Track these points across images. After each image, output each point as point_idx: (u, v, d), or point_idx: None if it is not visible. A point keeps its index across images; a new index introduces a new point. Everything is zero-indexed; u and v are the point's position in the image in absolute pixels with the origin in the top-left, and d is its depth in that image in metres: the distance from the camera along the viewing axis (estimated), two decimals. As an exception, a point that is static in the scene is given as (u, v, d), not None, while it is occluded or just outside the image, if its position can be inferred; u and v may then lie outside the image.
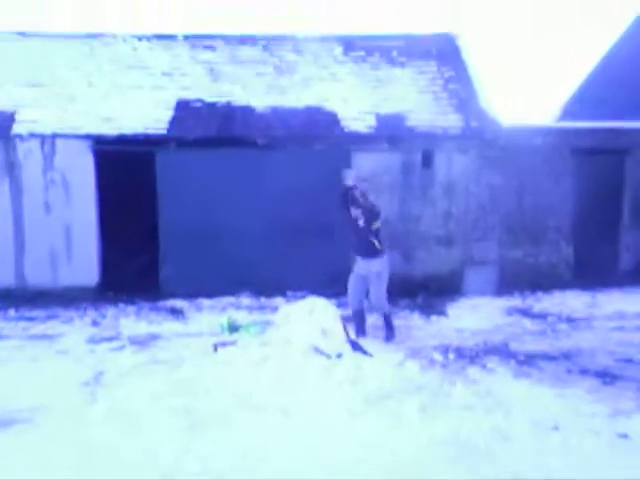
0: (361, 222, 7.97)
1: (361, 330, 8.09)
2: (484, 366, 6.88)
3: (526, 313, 9.64)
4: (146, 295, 10.58)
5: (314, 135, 10.99)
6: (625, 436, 4.95)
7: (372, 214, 8.00)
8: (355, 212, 7.95)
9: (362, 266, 8.09)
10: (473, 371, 6.70)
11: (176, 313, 9.77)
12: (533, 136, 11.36)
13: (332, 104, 11.52)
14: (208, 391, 5.98)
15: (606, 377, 6.53)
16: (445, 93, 11.95)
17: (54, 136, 10.59)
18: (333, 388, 6.02)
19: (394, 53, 12.83)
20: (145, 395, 5.91)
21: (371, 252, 8.00)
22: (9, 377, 6.65)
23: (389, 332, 8.01)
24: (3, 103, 11.06)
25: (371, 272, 7.98)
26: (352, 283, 8.17)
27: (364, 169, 10.99)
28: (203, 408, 5.57)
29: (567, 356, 7.33)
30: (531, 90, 41.06)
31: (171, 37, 12.91)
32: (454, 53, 12.91)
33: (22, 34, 12.54)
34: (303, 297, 8.18)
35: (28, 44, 12.36)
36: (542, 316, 9.43)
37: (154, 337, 8.31)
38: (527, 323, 9.02)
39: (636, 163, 11.74)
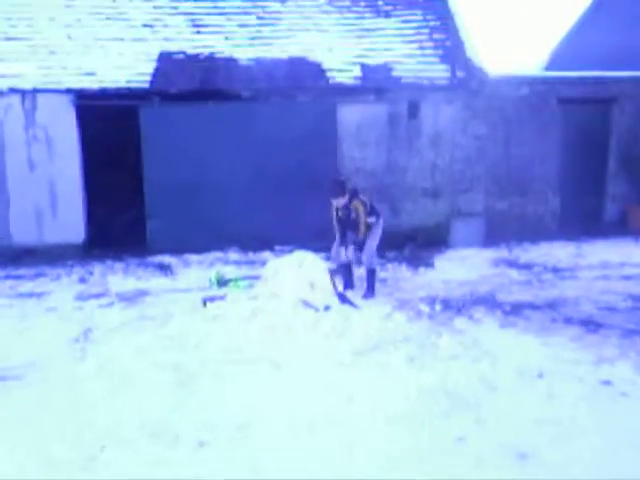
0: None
1: (349, 283, 8.13)
2: (471, 317, 6.96)
3: (512, 264, 9.72)
4: (133, 251, 10.56)
5: (299, 87, 10.87)
6: (608, 382, 5.04)
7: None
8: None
9: None
10: (460, 322, 6.77)
11: (164, 269, 9.77)
12: (519, 86, 11.30)
13: (317, 55, 11.36)
14: (197, 346, 6.03)
15: (590, 325, 6.62)
16: (431, 43, 11.81)
17: (35, 91, 10.40)
18: (322, 340, 6.09)
19: (379, 2, 12.61)
20: (134, 351, 5.94)
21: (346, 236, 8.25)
22: (-2, 335, 6.66)
23: (368, 290, 7.99)
24: (-19, 57, 10.81)
25: None
26: (338, 237, 8.18)
27: (350, 121, 10.95)
28: (192, 363, 5.61)
29: (552, 305, 7.42)
30: (518, 39, 40.66)
31: (151, -13, 12.58)
32: (440, 1, 12.70)
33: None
34: (291, 251, 8.17)
35: (4, -4, 12.02)
36: (528, 266, 9.51)
37: (142, 293, 8.32)
38: (513, 274, 9.10)
39: (622, 112, 11.74)
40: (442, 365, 5.45)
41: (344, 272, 8.19)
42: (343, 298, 7.09)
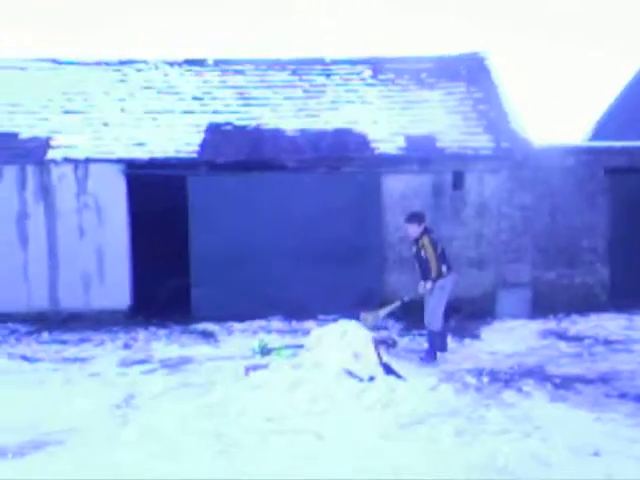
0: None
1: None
2: (519, 389, 6.75)
3: (561, 336, 9.45)
4: (177, 318, 10.60)
5: (343, 157, 10.99)
6: (670, 463, 4.79)
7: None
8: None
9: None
10: (508, 395, 6.56)
11: (207, 336, 9.77)
12: (565, 156, 11.23)
13: (361, 126, 11.53)
14: (240, 415, 5.94)
15: (646, 401, 6.35)
16: (475, 114, 11.90)
17: (87, 161, 10.73)
18: (366, 412, 5.95)
19: (423, 75, 12.84)
20: (177, 418, 5.88)
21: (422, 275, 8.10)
22: (42, 400, 6.66)
23: (426, 353, 7.94)
24: (38, 130, 11.26)
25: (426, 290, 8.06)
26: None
27: (394, 191, 10.99)
28: (235, 432, 5.52)
29: (605, 379, 7.14)
30: (562, 110, 40.82)
31: (201, 62, 13.08)
32: (483, 73, 12.88)
33: (56, 61, 12.81)
34: (334, 320, 8.10)
35: (62, 71, 12.62)
36: (578, 339, 9.24)
37: (185, 360, 8.29)
38: (562, 346, 8.84)
39: (671, 182, 11.53)
40: (491, 440, 5.26)
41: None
42: (388, 369, 6.94)
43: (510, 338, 9.28)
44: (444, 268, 7.94)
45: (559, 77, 44.14)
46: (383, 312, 8.56)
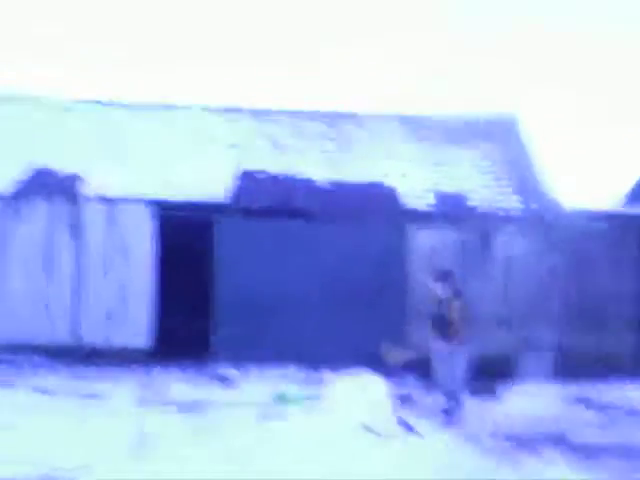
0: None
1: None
2: (539, 455, 6.57)
3: (585, 403, 9.23)
4: (197, 361, 10.56)
5: (373, 210, 11.03)
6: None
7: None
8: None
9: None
10: (529, 460, 6.39)
11: (225, 381, 9.70)
12: (595, 220, 11.16)
13: (392, 180, 11.61)
14: (254, 463, 5.85)
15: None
16: (505, 174, 11.93)
17: (118, 199, 10.89)
18: (383, 468, 5.83)
19: (455, 133, 12.93)
20: (189, 462, 5.82)
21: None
22: (57, 435, 6.63)
23: (447, 414, 7.77)
24: (74, 166, 11.48)
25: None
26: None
27: (422, 247, 10.97)
28: (248, 480, 5.44)
29: (631, 452, 6.94)
30: (595, 173, 40.67)
31: (238, 110, 13.33)
32: (515, 135, 12.96)
33: (99, 102, 13.14)
34: (354, 373, 8.02)
35: (104, 112, 12.93)
36: (602, 407, 9.01)
37: (202, 403, 8.23)
38: (586, 414, 8.63)
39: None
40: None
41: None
42: (406, 425, 6.81)
43: (532, 402, 9.03)
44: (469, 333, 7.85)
45: (594, 140, 44.05)
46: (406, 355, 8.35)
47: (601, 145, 42.27)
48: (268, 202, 10.97)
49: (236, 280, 10.77)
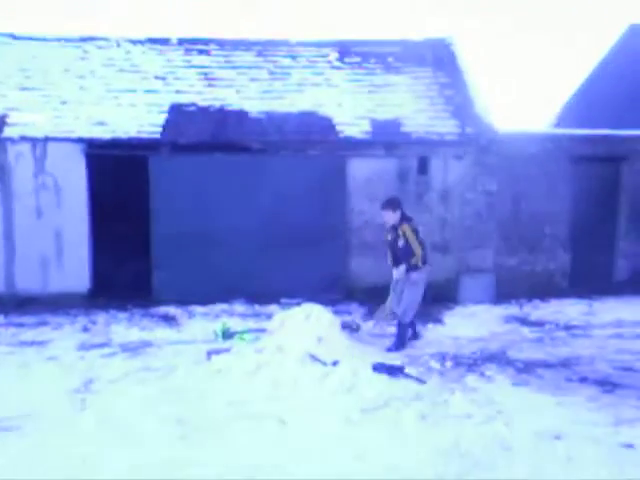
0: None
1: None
2: (482, 374, 6.78)
3: (523, 321, 9.53)
4: (138, 301, 10.41)
5: (309, 140, 10.87)
6: (630, 446, 4.83)
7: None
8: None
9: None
10: (471, 379, 6.59)
11: (168, 320, 9.61)
12: (529, 142, 11.29)
13: (327, 109, 11.42)
14: (201, 399, 5.85)
15: (606, 385, 6.42)
16: (441, 99, 11.87)
17: (46, 139, 10.43)
18: (329, 396, 5.90)
19: (390, 59, 12.75)
20: (136, 403, 5.78)
21: (396, 262, 7.94)
22: (-3, 384, 6.49)
23: (393, 344, 7.78)
24: (-6, 106, 10.90)
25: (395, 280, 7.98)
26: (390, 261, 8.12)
27: (359, 175, 10.92)
28: (196, 417, 5.43)
29: (566, 364, 7.22)
30: (527, 96, 41.19)
31: (165, 41, 12.79)
32: (450, 59, 12.85)
33: (14, 36, 12.41)
34: (298, 305, 8.03)
35: (20, 46, 12.23)
36: (539, 324, 9.33)
37: (146, 344, 8.14)
38: (524, 331, 8.92)
39: (632, 170, 11.67)
40: (454, 424, 5.26)
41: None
42: (384, 368, 6.67)
43: (473, 323, 9.32)
44: (423, 257, 7.85)
45: (526, 64, 44.47)
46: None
47: (533, 68, 42.70)
48: (200, 136, 10.66)
49: (174, 217, 10.55)
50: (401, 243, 7.74)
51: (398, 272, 7.83)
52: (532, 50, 44.67)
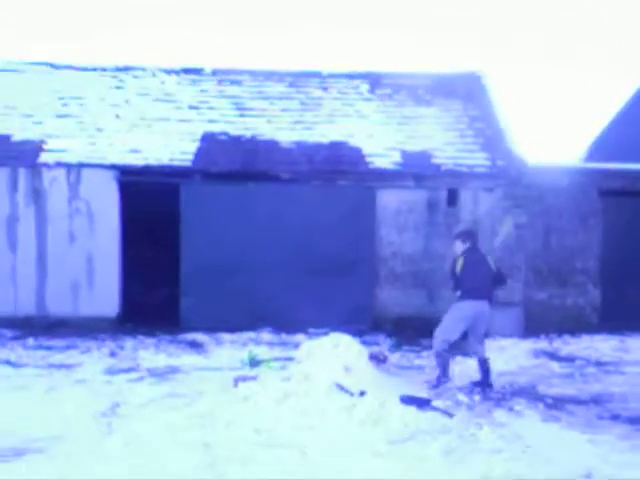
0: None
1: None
2: (511, 409, 6.66)
3: (553, 356, 9.40)
4: (166, 328, 10.49)
5: (339, 170, 10.96)
6: (663, 487, 4.71)
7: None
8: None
9: None
10: (500, 414, 6.48)
11: (196, 346, 9.66)
12: (560, 176, 11.25)
13: (357, 140, 11.51)
14: (227, 426, 5.82)
15: (639, 424, 6.27)
16: (471, 131, 11.90)
17: (80, 165, 10.65)
18: (355, 427, 5.84)
19: (420, 91, 12.86)
20: (162, 428, 5.76)
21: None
22: (26, 406, 6.52)
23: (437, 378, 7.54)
24: (32, 133, 11.16)
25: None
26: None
27: (389, 206, 10.94)
28: (222, 444, 5.40)
29: (597, 401, 7.08)
30: (558, 131, 41.04)
31: (199, 71, 13.06)
32: (480, 92, 12.90)
33: (53, 65, 12.76)
34: (325, 334, 8.00)
35: (58, 75, 12.55)
36: (570, 359, 9.19)
37: (173, 370, 8.17)
38: (554, 366, 8.78)
39: (664, 205, 11.55)
40: (482, 459, 5.17)
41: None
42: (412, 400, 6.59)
43: (501, 357, 9.19)
44: (470, 289, 7.43)
45: (556, 98, 44.40)
46: None
47: (565, 100, 42.59)
48: (231, 165, 10.81)
49: (204, 245, 10.65)
50: (458, 271, 7.54)
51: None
52: (565, 83, 44.65)
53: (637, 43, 42.11)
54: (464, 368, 8.53)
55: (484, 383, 7.53)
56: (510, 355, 9.33)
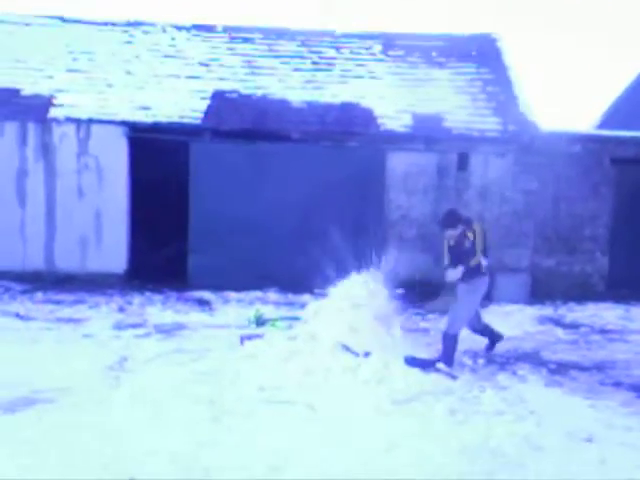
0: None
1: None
2: (514, 373, 6.72)
3: (558, 322, 9.43)
4: (173, 284, 10.55)
5: (349, 132, 10.88)
6: (663, 452, 4.75)
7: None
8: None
9: None
10: (503, 377, 6.53)
11: (203, 304, 9.73)
12: (572, 142, 11.14)
13: (369, 101, 11.40)
14: (233, 383, 5.89)
15: (641, 391, 6.32)
16: (483, 95, 11.77)
17: (90, 121, 10.61)
18: (360, 386, 5.90)
19: (433, 53, 12.69)
20: (169, 383, 5.84)
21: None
22: (35, 358, 6.61)
23: (441, 356, 6.78)
24: (41, 87, 11.10)
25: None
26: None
27: (398, 169, 10.88)
28: (227, 399, 5.48)
29: (600, 367, 7.11)
30: (572, 96, 40.55)
31: (210, 28, 12.90)
32: (494, 55, 12.73)
33: (63, 19, 12.64)
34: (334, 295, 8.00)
35: (68, 30, 12.44)
36: (574, 326, 9.21)
37: (180, 326, 8.25)
38: (559, 332, 8.81)
39: (676, 175, 11.45)
40: (484, 421, 5.22)
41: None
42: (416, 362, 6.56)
43: (507, 322, 9.20)
44: (484, 265, 6.87)
45: (571, 65, 43.75)
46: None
47: (580, 67, 42.00)
48: (241, 123, 10.74)
49: (212, 203, 10.65)
50: (468, 244, 6.79)
51: (454, 273, 6.82)
52: (580, 50, 43.95)
53: (655, 11, 41.32)
54: (468, 333, 8.57)
55: (494, 342, 7.42)
56: (515, 321, 9.35)
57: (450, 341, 6.76)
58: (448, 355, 6.71)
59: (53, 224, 10.68)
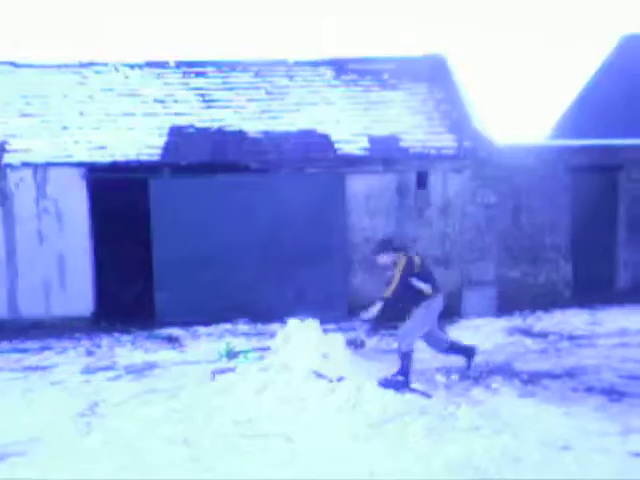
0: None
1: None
2: (488, 386, 6.76)
3: (527, 332, 9.53)
4: (141, 324, 10.41)
5: (307, 158, 10.94)
6: (639, 455, 4.82)
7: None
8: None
9: None
10: (477, 392, 6.58)
11: (172, 341, 9.62)
12: (527, 155, 11.34)
13: (325, 127, 11.48)
14: (208, 420, 5.84)
15: (613, 394, 6.41)
16: (437, 114, 11.94)
17: (46, 165, 10.51)
18: (335, 413, 5.89)
19: (385, 76, 12.82)
20: (143, 425, 5.77)
21: None
22: (3, 410, 6.48)
23: (398, 371, 6.80)
24: (-6, 133, 10.97)
25: None
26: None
27: (359, 191, 10.96)
28: (204, 437, 5.42)
29: (571, 374, 7.21)
30: (523, 109, 41.39)
31: (162, 64, 12.87)
32: (445, 74, 12.92)
33: (14, 64, 12.49)
34: (301, 322, 8.00)
35: (20, 74, 12.31)
36: (543, 335, 9.32)
37: (151, 366, 8.14)
38: (528, 342, 8.91)
39: (629, 179, 11.73)
40: (462, 437, 5.25)
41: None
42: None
43: (477, 336, 9.29)
44: (427, 288, 6.96)
45: (521, 77, 44.73)
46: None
47: (529, 80, 42.95)
48: (200, 157, 10.74)
49: (175, 238, 10.58)
50: (391, 272, 7.10)
51: (370, 311, 7.08)
52: (529, 62, 44.96)
53: (601, 16, 42.57)
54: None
55: (470, 356, 7.44)
56: (485, 334, 9.43)
57: (403, 359, 6.79)
58: (404, 371, 6.74)
59: (14, 270, 10.50)
